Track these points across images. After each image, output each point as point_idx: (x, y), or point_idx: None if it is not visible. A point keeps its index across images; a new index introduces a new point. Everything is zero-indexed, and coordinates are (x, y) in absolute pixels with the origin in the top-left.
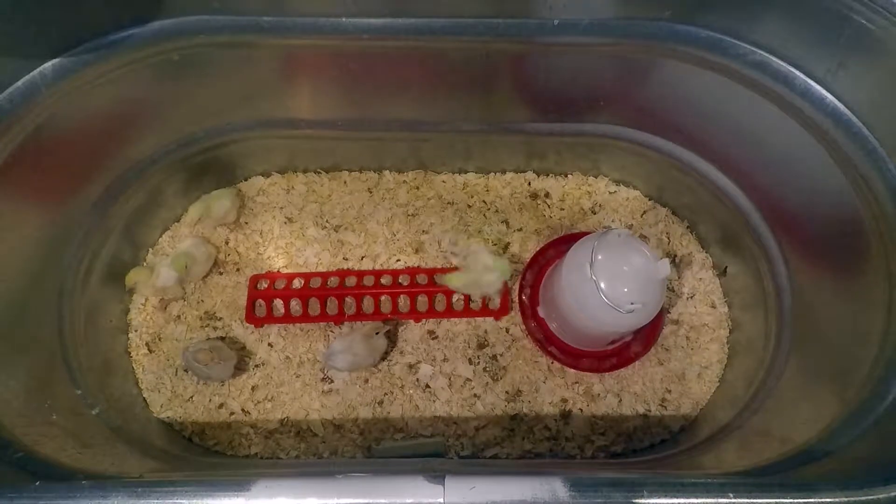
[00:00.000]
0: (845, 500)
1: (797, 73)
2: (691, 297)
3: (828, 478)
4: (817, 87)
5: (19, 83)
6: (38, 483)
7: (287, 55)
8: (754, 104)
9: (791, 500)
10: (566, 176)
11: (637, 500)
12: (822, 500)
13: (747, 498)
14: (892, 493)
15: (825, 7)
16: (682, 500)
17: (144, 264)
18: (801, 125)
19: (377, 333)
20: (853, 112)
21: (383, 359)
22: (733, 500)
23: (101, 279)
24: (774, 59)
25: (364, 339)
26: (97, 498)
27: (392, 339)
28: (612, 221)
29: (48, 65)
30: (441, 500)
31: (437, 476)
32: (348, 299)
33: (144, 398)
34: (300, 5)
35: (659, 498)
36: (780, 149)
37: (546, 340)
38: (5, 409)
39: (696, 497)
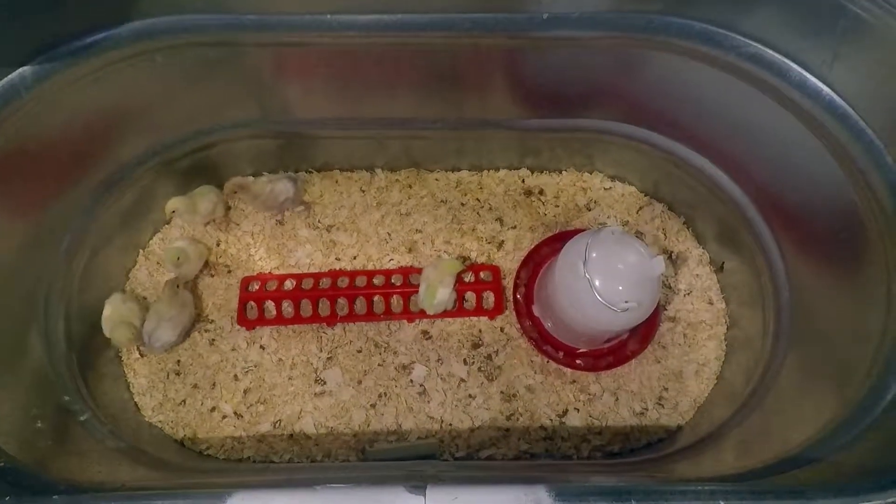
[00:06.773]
0: None
1: (792, 64)
2: (688, 294)
3: (824, 482)
4: (813, 78)
5: None
6: (7, 498)
7: (273, 53)
8: (749, 97)
9: None
10: (561, 172)
11: None
12: None
13: None
14: (889, 500)
15: None
16: None
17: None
18: (797, 118)
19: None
20: (849, 104)
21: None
22: None
23: (89, 283)
24: (769, 50)
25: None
26: None
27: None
28: (608, 218)
29: (27, 68)
30: None
31: (419, 486)
32: (340, 300)
33: (136, 402)
34: (284, 2)
35: None
36: (776, 142)
37: (541, 339)
38: None
39: None
